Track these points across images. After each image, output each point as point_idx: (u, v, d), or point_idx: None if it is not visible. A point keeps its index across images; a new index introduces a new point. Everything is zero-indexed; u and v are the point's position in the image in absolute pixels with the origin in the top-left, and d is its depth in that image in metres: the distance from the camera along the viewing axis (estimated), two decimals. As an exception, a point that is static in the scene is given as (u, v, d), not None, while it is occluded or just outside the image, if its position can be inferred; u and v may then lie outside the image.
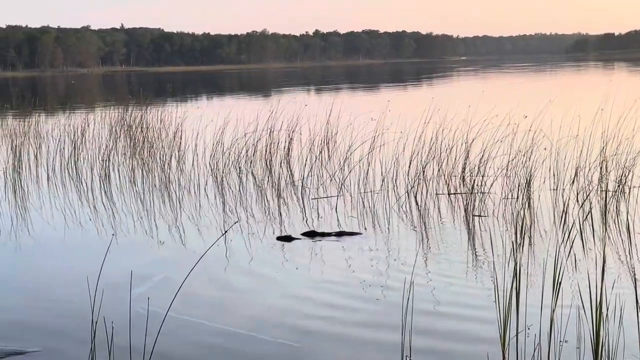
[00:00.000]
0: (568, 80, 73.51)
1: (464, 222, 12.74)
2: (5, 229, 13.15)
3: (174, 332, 7.61)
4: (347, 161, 17.60)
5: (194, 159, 19.67)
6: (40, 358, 7.27)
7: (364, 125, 18.90)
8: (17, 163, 20.19)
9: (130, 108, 24.68)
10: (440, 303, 8.41)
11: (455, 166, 16.11)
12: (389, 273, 9.75)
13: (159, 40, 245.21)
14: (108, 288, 7.53)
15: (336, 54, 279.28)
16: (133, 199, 15.75)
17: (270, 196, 15.68)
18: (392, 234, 11.96)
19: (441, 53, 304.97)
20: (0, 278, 10.21)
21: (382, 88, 69.72)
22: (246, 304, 8.70)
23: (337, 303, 8.65)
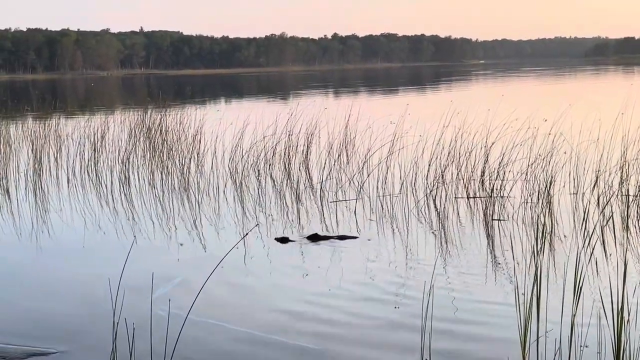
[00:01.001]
0: (588, 84, 73.11)
1: (483, 226, 12.70)
2: (26, 231, 13.26)
3: (194, 334, 7.64)
4: (366, 164, 17.59)
5: (213, 162, 19.74)
6: (61, 357, 7.33)
7: (383, 128, 18.88)
8: (37, 165, 20.34)
9: (150, 111, 24.80)
10: (459, 307, 8.39)
11: (475, 170, 16.07)
12: (408, 277, 9.74)
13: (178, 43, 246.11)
14: (128, 290, 7.58)
15: (354, 57, 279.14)
16: (152, 202, 15.83)
17: (289, 199, 15.71)
18: (411, 238, 11.95)
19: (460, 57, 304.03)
20: (21, 279, 10.30)
21: (401, 91, 69.64)
22: (265, 307, 8.72)
23: (356, 306, 8.65)
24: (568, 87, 66.20)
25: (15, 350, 7.44)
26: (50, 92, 69.95)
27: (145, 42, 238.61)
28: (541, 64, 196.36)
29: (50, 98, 32.73)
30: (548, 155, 15.27)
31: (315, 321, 8.19)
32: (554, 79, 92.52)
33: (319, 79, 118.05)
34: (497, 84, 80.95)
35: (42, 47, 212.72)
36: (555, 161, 15.22)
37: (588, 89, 62.15)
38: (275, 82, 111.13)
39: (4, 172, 19.99)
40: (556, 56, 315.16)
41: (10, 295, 9.48)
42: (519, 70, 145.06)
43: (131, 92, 76.70)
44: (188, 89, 75.39)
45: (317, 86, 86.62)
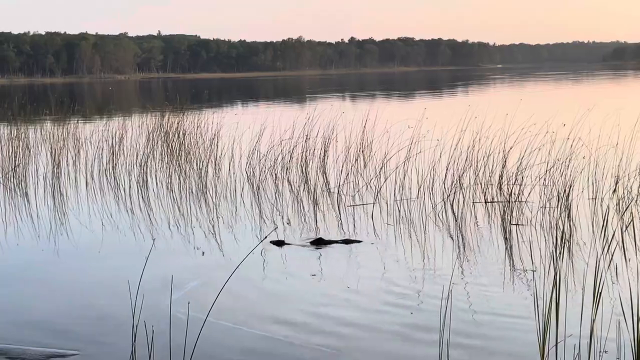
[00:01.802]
0: (606, 89, 72.73)
1: (502, 230, 12.67)
2: (44, 234, 13.35)
3: (213, 337, 7.66)
4: (383, 169, 17.59)
5: (230, 166, 19.80)
6: None
7: (400, 132, 18.86)
8: (56, 168, 20.47)
9: (167, 114, 24.90)
10: (478, 312, 8.37)
11: (493, 174, 16.02)
12: (425, 281, 9.73)
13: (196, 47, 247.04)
14: (146, 292, 7.61)
15: (371, 61, 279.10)
16: (170, 205, 15.89)
17: (306, 203, 15.72)
18: (428, 242, 11.94)
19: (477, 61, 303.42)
20: (40, 282, 10.36)
21: (418, 95, 69.55)
22: (283, 310, 8.74)
23: (374, 310, 8.65)
24: (586, 92, 65.88)
25: (34, 352, 7.49)
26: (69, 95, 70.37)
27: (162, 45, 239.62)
28: (559, 69, 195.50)
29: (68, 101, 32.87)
30: (566, 160, 15.20)
31: (332, 325, 8.19)
32: (572, 83, 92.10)
33: (335, 83, 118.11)
34: (514, 88, 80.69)
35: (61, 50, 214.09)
36: (574, 166, 15.16)
37: (606, 93, 61.83)
38: (292, 86, 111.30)
39: (23, 175, 20.13)
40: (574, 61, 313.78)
41: (30, 297, 9.54)
42: (536, 74, 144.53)
43: (149, 96, 77.06)
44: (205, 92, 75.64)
45: (334, 90, 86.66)
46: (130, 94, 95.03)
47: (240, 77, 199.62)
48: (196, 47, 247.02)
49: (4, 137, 23.19)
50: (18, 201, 16.93)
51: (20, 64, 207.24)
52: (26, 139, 23.38)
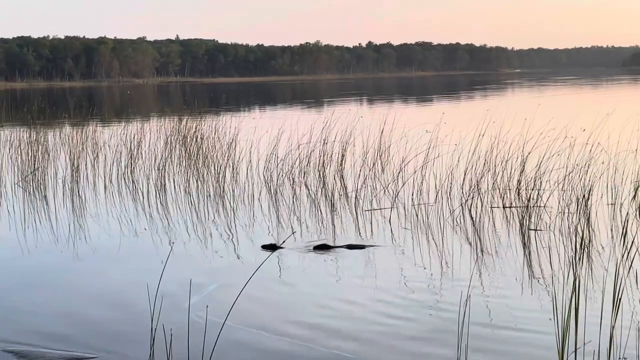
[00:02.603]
0: (626, 94, 72.29)
1: (520, 236, 12.62)
2: (63, 237, 13.43)
3: (231, 340, 7.68)
4: (401, 173, 17.56)
5: (248, 170, 19.84)
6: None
7: (418, 137, 18.83)
8: (75, 172, 20.59)
9: (185, 118, 24.98)
10: (496, 317, 8.34)
11: (511, 179, 15.96)
12: (443, 286, 9.71)
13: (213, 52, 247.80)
14: (164, 296, 7.64)
15: (389, 66, 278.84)
16: (188, 209, 15.95)
17: (323, 207, 15.73)
18: (446, 247, 11.91)
19: (495, 65, 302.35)
20: (59, 285, 10.43)
21: (436, 100, 69.45)
22: (301, 314, 8.75)
23: (391, 315, 8.64)
24: (605, 96, 65.52)
25: (54, 355, 7.53)
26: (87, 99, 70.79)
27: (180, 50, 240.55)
28: (578, 73, 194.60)
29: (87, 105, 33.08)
30: (586, 165, 15.13)
31: (350, 329, 8.19)
32: (591, 88, 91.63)
33: (353, 87, 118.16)
34: (533, 93, 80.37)
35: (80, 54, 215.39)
36: (593, 171, 15.08)
37: (626, 98, 61.45)
38: (309, 90, 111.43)
39: (43, 179, 20.27)
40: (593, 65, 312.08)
41: (49, 300, 9.60)
42: (555, 79, 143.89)
43: (167, 100, 77.38)
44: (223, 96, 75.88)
45: (351, 94, 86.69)
46: (149, 98, 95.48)
47: (257, 81, 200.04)
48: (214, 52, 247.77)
49: (24, 140, 23.35)
50: (37, 204, 17.05)
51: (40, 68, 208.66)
52: (45, 143, 23.52)
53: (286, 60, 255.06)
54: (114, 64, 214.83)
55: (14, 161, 22.60)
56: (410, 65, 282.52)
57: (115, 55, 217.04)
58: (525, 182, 15.63)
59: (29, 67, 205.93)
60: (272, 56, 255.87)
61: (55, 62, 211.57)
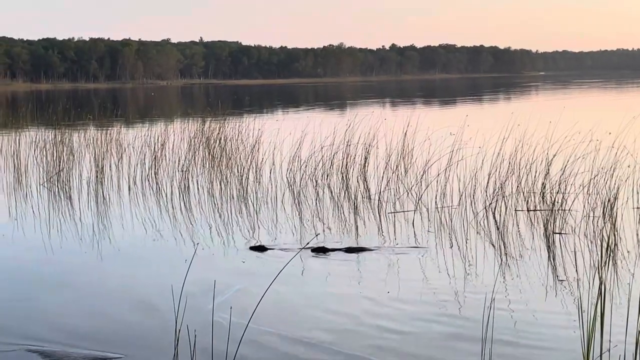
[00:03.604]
0: (652, 96, 71.61)
1: (544, 239, 12.55)
2: (87, 238, 13.53)
3: (254, 341, 7.70)
4: (424, 176, 17.51)
5: (271, 172, 19.88)
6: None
7: (442, 139, 18.77)
8: (99, 173, 20.73)
9: (209, 120, 25.08)
10: (520, 321, 8.30)
11: (535, 183, 15.87)
12: (467, 290, 9.67)
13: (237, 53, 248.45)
14: (188, 297, 7.67)
15: (412, 68, 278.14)
16: (211, 211, 16.00)
17: (346, 210, 15.73)
18: (470, 251, 11.87)
19: (519, 68, 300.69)
20: (83, 285, 10.50)
21: (460, 102, 69.21)
22: (324, 316, 8.75)
23: (414, 318, 8.63)
24: (631, 100, 64.96)
25: (78, 355, 7.59)
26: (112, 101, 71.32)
27: (204, 52, 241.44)
28: (603, 76, 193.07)
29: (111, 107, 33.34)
30: (611, 169, 15.01)
31: (373, 333, 8.18)
32: (617, 91, 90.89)
33: (376, 90, 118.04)
34: (558, 95, 79.87)
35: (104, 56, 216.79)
36: (619, 175, 14.95)
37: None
38: (332, 93, 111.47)
39: (67, 180, 20.44)
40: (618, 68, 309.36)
41: (73, 300, 9.68)
42: (580, 82, 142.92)
43: (190, 102, 77.70)
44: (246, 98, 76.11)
45: (374, 97, 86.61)
46: (172, 99, 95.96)
47: (281, 83, 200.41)
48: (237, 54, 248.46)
49: (49, 141, 23.55)
50: (62, 205, 17.19)
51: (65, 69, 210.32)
52: (70, 144, 23.71)
53: (309, 63, 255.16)
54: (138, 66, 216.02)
55: (39, 162, 22.81)
56: (434, 68, 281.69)
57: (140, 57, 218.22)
58: (550, 185, 15.54)
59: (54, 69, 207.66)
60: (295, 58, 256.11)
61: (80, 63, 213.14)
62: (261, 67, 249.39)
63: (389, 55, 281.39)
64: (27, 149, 24.04)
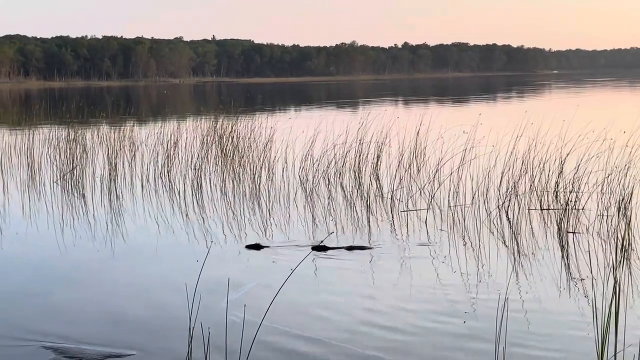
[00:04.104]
0: (666, 95, 71.21)
1: (558, 238, 12.50)
2: (100, 235, 13.57)
3: (267, 339, 7.70)
4: (437, 174, 17.48)
5: (283, 170, 19.88)
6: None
7: (455, 138, 18.72)
8: (112, 171, 20.79)
9: (221, 118, 25.12)
10: (534, 321, 8.27)
11: (549, 181, 15.81)
12: (480, 289, 9.64)
13: (249, 52, 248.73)
14: (202, 295, 7.67)
15: (425, 67, 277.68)
16: (224, 209, 16.02)
17: (359, 208, 15.72)
18: (483, 250, 11.83)
19: (532, 66, 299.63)
20: (96, 283, 10.52)
21: (473, 101, 69.04)
22: (336, 315, 8.74)
23: (427, 318, 8.61)
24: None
25: (92, 352, 7.62)
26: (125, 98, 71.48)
27: (217, 50, 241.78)
28: (616, 75, 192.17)
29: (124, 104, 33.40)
30: (625, 168, 14.94)
31: (385, 332, 8.17)
32: (630, 89, 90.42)
33: (388, 88, 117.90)
34: (571, 94, 79.56)
35: (117, 54, 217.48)
36: (633, 174, 14.88)
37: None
38: (345, 91, 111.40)
39: (81, 177, 20.51)
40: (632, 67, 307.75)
41: (86, 298, 9.71)
42: (593, 80, 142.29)
43: (203, 100, 77.85)
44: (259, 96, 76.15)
45: (387, 95, 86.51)
46: (185, 97, 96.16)
47: (293, 81, 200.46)
48: (250, 52, 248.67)
49: (62, 139, 23.64)
50: (75, 202, 17.25)
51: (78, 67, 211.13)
52: (83, 142, 23.80)
53: (321, 61, 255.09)
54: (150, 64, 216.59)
55: (53, 159, 22.90)
56: (447, 66, 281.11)
57: (152, 55, 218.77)
58: (564, 184, 15.48)
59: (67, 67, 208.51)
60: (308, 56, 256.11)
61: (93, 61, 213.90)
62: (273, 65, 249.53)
63: (402, 53, 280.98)
64: (41, 146, 24.13)
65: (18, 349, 7.79)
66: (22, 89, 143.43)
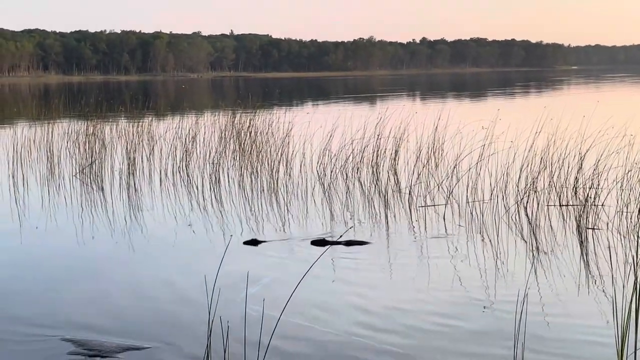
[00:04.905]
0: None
1: (577, 235, 12.44)
2: (119, 228, 13.64)
3: (286, 334, 7.72)
4: (455, 170, 17.43)
5: (301, 165, 19.89)
6: (156, 353, 7.52)
7: (473, 133, 18.67)
8: (131, 165, 20.88)
9: (239, 113, 25.15)
10: (552, 317, 8.24)
11: (568, 177, 15.72)
12: (498, 285, 9.62)
13: (267, 46, 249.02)
14: (221, 289, 7.70)
15: (443, 62, 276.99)
16: (242, 203, 16.05)
17: (376, 203, 15.71)
18: (501, 245, 11.80)
19: (551, 62, 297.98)
20: (115, 276, 10.58)
21: (491, 96, 68.75)
22: (355, 309, 8.75)
23: (444, 312, 8.60)
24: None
25: (111, 344, 7.67)
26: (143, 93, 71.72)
27: (235, 45, 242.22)
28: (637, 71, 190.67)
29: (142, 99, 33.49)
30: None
31: (403, 327, 8.17)
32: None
33: (406, 83, 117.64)
34: (590, 90, 79.07)
35: (136, 49, 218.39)
36: (653, 170, 14.77)
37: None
38: (363, 86, 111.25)
39: (99, 171, 20.62)
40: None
41: (105, 291, 9.76)
42: (613, 76, 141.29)
43: (221, 94, 77.99)
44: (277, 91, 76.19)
45: (405, 90, 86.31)
46: (203, 92, 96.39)
47: (311, 76, 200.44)
48: (268, 47, 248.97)
49: (81, 133, 23.77)
50: (94, 196, 17.34)
51: (97, 61, 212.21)
52: (102, 136, 23.90)
53: (339, 56, 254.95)
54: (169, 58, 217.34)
55: (72, 153, 23.04)
56: (465, 62, 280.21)
57: (171, 49, 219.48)
58: (583, 180, 15.39)
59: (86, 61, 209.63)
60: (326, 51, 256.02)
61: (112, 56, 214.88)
62: (291, 60, 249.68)
63: (420, 48, 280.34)
64: (60, 140, 24.26)
65: (37, 343, 7.85)
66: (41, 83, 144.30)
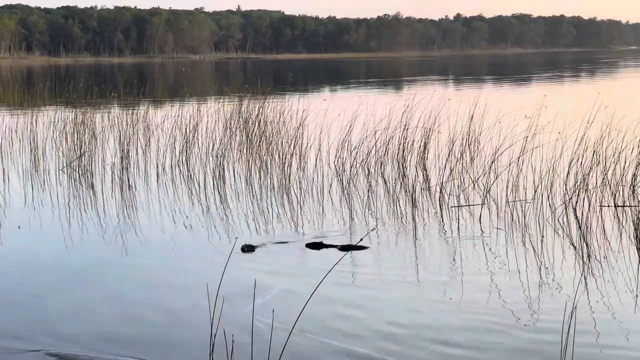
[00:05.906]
0: None
1: (634, 240, 12.40)
2: (111, 230, 13.73)
3: (295, 349, 7.74)
4: (494, 165, 17.40)
5: (317, 159, 19.92)
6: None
7: (514, 124, 18.63)
8: (124, 158, 20.99)
9: (247, 99, 25.23)
10: (604, 333, 8.23)
11: (624, 175, 15.66)
12: (542, 296, 9.61)
13: (279, 24, 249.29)
14: (225, 298, 7.74)
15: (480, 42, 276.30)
16: (249, 202, 16.12)
17: (403, 203, 15.72)
18: (546, 252, 11.78)
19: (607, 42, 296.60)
20: (107, 283, 10.64)
21: (536, 81, 68.57)
22: (375, 322, 8.77)
23: (481, 329, 8.60)
24: None
25: (101, 359, 7.72)
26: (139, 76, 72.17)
27: (242, 22, 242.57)
28: None
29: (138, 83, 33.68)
30: None
31: (431, 342, 8.18)
32: None
33: (438, 66, 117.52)
34: (650, 74, 78.67)
35: (130, 27, 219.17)
36: None
37: None
38: (388, 69, 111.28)
39: (89, 165, 20.74)
40: None
41: (95, 299, 9.83)
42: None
43: (226, 78, 78.25)
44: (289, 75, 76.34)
45: (436, 74, 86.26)
46: (206, 76, 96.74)
47: (328, 58, 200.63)
48: (279, 24, 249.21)
49: (69, 122, 23.90)
50: (83, 193, 17.46)
51: (86, 41, 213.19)
52: (92, 125, 24.04)
53: (361, 35, 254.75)
54: (168, 38, 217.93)
55: (59, 145, 23.18)
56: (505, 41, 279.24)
57: (170, 27, 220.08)
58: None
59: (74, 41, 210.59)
60: (346, 30, 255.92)
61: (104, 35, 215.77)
62: (306, 39, 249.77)
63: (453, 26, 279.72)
64: (45, 130, 24.44)
65: (19, 356, 7.92)
66: (24, 65, 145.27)
